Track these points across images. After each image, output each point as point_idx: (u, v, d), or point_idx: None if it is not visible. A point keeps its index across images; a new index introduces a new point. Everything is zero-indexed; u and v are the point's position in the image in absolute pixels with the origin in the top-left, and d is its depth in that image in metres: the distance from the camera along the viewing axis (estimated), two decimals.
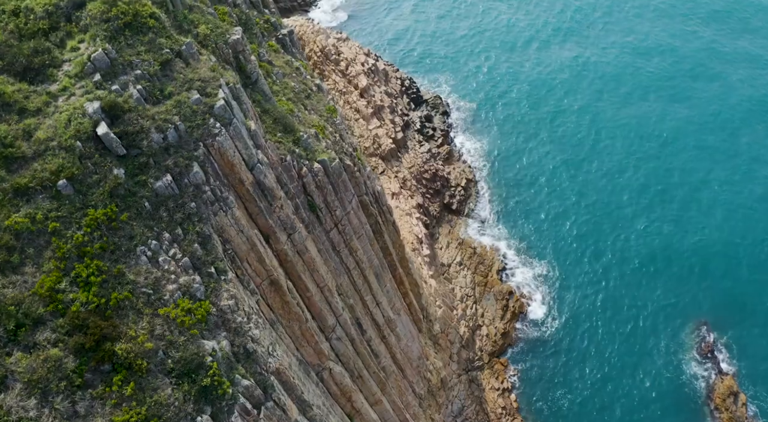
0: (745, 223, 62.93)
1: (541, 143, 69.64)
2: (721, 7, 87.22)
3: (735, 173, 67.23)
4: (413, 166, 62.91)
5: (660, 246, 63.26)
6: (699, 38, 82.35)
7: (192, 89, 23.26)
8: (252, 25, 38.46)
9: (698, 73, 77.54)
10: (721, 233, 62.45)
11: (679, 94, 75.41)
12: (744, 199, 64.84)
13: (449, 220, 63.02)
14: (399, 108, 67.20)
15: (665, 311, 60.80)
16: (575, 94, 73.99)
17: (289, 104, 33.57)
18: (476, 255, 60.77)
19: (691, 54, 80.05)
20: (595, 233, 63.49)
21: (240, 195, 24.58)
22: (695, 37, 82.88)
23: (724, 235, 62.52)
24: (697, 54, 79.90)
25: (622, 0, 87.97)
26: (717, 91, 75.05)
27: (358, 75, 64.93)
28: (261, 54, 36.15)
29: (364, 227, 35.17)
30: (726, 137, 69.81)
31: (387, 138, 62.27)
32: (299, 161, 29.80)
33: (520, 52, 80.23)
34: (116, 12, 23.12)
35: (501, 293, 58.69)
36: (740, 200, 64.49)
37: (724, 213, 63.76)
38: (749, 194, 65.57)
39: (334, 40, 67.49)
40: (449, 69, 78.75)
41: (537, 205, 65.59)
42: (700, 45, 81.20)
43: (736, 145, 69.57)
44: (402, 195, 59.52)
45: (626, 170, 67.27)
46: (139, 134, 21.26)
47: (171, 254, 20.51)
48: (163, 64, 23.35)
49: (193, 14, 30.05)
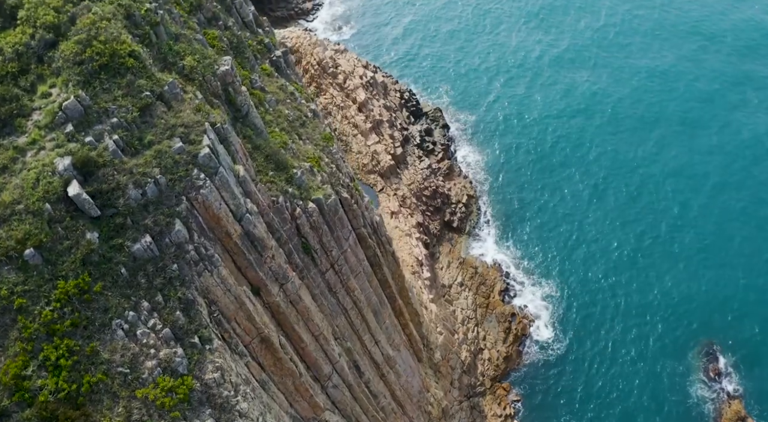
0: (756, 244, 61.30)
1: (544, 158, 67.85)
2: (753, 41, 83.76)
3: (750, 197, 65.16)
4: (413, 182, 61.13)
5: (667, 266, 61.58)
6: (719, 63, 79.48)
7: (174, 136, 21.48)
8: (244, 48, 36.63)
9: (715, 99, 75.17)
10: (731, 253, 60.81)
11: (687, 113, 73.65)
12: (756, 222, 63.11)
13: (450, 238, 61.28)
14: (398, 122, 65.36)
15: (672, 332, 59.21)
16: (580, 109, 72.13)
17: (282, 136, 31.78)
18: (478, 275, 59.08)
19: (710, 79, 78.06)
20: (600, 251, 61.80)
21: (227, 248, 22.85)
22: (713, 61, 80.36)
23: (733, 256, 60.89)
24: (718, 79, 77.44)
25: (635, 18, 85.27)
26: (740, 118, 72.46)
27: (357, 89, 63.03)
28: (253, 81, 34.34)
29: (362, 264, 33.44)
30: (735, 155, 67.98)
31: (386, 154, 60.47)
32: (292, 202, 28.04)
33: (524, 65, 78.32)
34: (91, 53, 21.30)
35: (503, 315, 57.05)
36: (753, 222, 62.77)
37: (736, 235, 62.10)
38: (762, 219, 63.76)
39: (332, 52, 65.56)
40: (450, 80, 76.84)
41: (540, 221, 63.87)
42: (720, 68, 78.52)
43: (750, 168, 67.29)
44: (401, 214, 57.78)
45: (631, 186, 65.52)
46: (115, 191, 19.48)
47: (150, 325, 18.76)
48: (143, 109, 21.55)
49: (180, 44, 28.24)
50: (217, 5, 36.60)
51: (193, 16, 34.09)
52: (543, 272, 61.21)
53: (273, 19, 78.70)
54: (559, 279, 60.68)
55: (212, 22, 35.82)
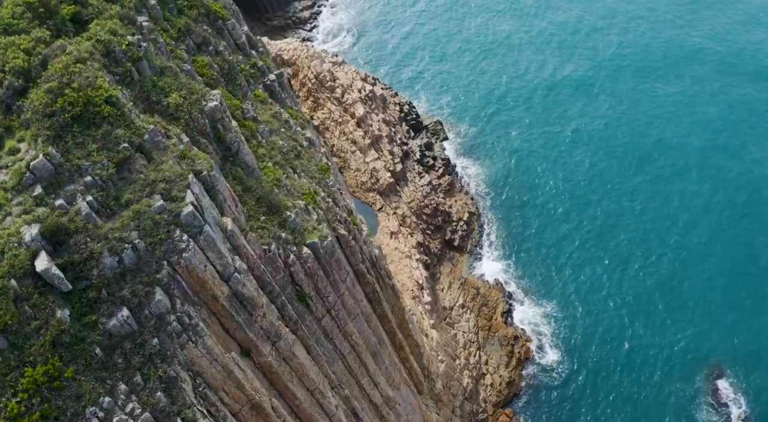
0: (764, 269, 59.70)
1: (547, 174, 66.11)
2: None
3: (761, 222, 63.29)
4: (413, 200, 59.39)
5: (674, 288, 59.97)
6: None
7: (154, 194, 19.73)
8: (236, 74, 34.81)
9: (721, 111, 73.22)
10: (740, 276, 59.22)
11: (689, 121, 71.95)
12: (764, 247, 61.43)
13: (451, 257, 59.61)
14: (398, 137, 63.56)
15: (678, 356, 57.63)
16: (585, 124, 70.32)
17: (275, 172, 30.02)
18: (479, 296, 57.45)
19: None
20: (605, 272, 60.14)
21: (214, 311, 21.15)
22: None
23: (742, 279, 59.30)
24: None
25: (645, 38, 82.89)
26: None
27: (355, 103, 61.17)
28: (245, 110, 32.54)
29: (360, 305, 31.77)
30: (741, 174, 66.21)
31: (385, 171, 58.69)
32: (286, 248, 26.31)
33: (527, 77, 76.41)
34: (63, 103, 19.52)
35: (506, 338, 55.45)
36: (764, 246, 61.02)
37: (745, 258, 60.50)
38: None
39: (330, 65, 63.65)
40: (451, 91, 74.99)
41: (543, 239, 62.19)
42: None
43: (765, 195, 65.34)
44: (401, 234, 56.08)
45: (637, 205, 63.81)
46: (89, 261, 17.75)
47: (129, 410, 17.09)
48: (120, 163, 19.80)
49: (165, 79, 26.46)
50: (207, 29, 34.79)
51: (182, 43, 32.30)
52: (546, 292, 59.59)
53: (270, 28, 76.76)
54: (562, 300, 59.06)
55: (202, 48, 34.01)
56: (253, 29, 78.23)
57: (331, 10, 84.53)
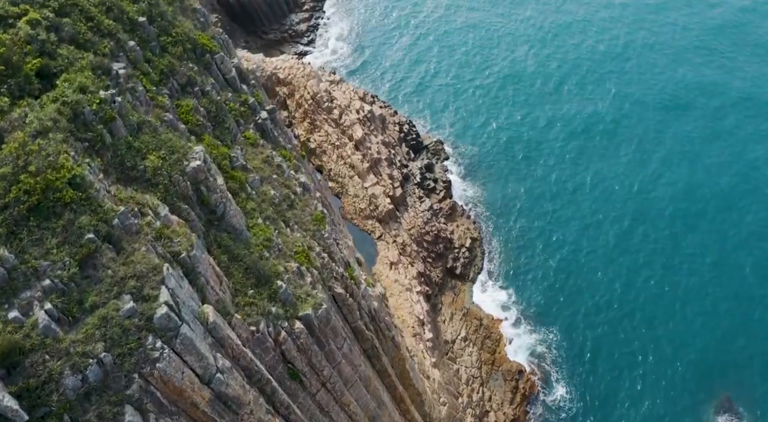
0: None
1: (553, 196, 63.77)
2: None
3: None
4: (413, 227, 57.04)
5: (681, 316, 57.89)
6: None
7: (123, 294, 17.35)
8: (224, 116, 32.36)
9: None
10: (748, 304, 57.12)
11: (694, 139, 69.58)
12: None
13: (453, 286, 57.36)
14: (397, 159, 61.12)
15: (687, 386, 55.58)
16: (593, 145, 67.90)
17: (266, 230, 27.65)
18: (482, 328, 55.25)
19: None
20: (611, 300, 57.97)
21: (194, 419, 18.85)
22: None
23: (751, 307, 57.21)
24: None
25: (654, 50, 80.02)
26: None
27: (353, 125, 58.69)
28: (234, 159, 30.12)
29: (358, 370, 29.50)
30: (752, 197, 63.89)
31: (385, 197, 56.29)
32: (276, 325, 24.00)
33: (531, 93, 73.91)
34: (17, 193, 17.09)
35: (510, 373, 53.31)
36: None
37: (755, 284, 58.35)
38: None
39: (327, 84, 61.09)
40: (452, 108, 72.47)
41: (548, 265, 59.94)
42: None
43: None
44: (401, 264, 53.78)
45: (645, 228, 61.56)
46: (47, 384, 15.40)
47: None
48: (85, 259, 17.43)
49: (143, 136, 24.04)
50: (193, 67, 32.28)
51: (164, 87, 29.83)
52: (551, 323, 57.41)
53: (266, 42, 74.15)
54: (568, 329, 56.89)
55: (187, 89, 31.52)
56: (249, 43, 75.90)
57: (329, 23, 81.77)
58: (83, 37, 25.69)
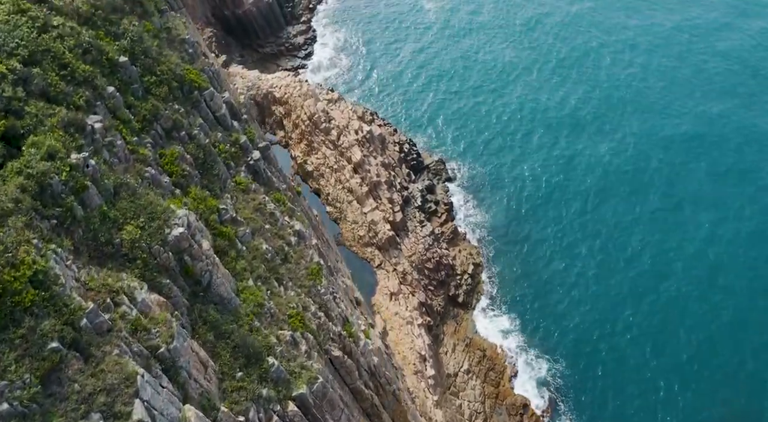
0: None
1: (559, 219, 61.64)
2: None
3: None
4: (414, 253, 54.97)
5: (689, 341, 55.96)
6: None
7: (92, 412, 15.30)
8: (213, 161, 30.19)
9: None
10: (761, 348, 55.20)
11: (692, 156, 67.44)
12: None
13: (455, 315, 55.38)
14: (398, 181, 58.95)
15: (699, 415, 53.82)
16: (598, 165, 65.68)
17: (257, 294, 25.55)
18: (486, 359, 53.31)
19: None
20: (622, 327, 55.94)
21: None
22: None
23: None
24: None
25: (668, 71, 76.75)
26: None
27: (352, 147, 56.47)
28: (223, 212, 27.95)
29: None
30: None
31: (384, 223, 54.17)
32: (267, 409, 21.97)
33: (537, 111, 71.56)
34: None
35: (514, 407, 51.41)
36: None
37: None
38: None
39: (324, 104, 58.78)
40: (455, 124, 70.20)
41: (554, 293, 57.91)
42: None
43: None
44: (402, 294, 51.76)
45: (654, 254, 59.52)
46: None
47: None
48: (48, 374, 15.34)
49: (119, 203, 21.94)
50: (179, 108, 30.07)
51: (147, 134, 27.65)
52: (557, 352, 55.40)
53: (262, 55, 71.80)
54: (575, 359, 54.89)
55: (172, 134, 29.29)
56: (245, 57, 73.48)
57: (326, 36, 79.30)
58: (55, 89, 23.46)
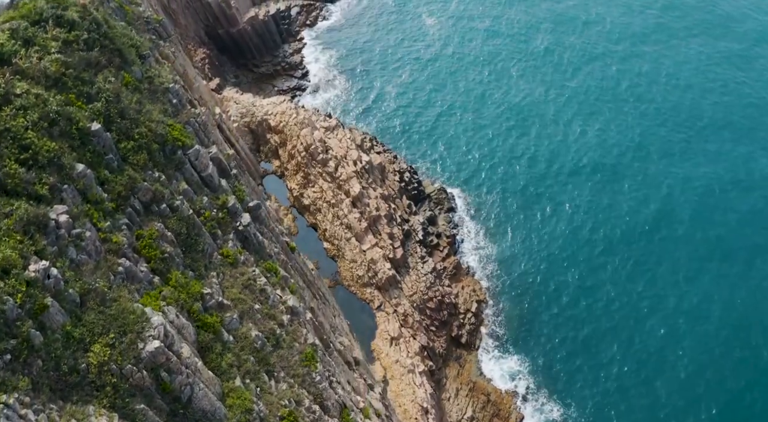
0: None
1: (569, 252, 58.99)
2: None
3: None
4: (415, 293, 52.48)
5: (705, 385, 53.70)
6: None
7: None
8: (198, 234, 27.58)
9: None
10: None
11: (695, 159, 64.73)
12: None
13: (458, 357, 52.98)
14: (398, 214, 56.29)
15: None
16: (608, 195, 62.97)
17: (245, 396, 23.04)
18: (490, 404, 50.98)
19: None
20: (636, 369, 53.38)
21: None
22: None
23: None
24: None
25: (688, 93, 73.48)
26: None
27: (350, 179, 53.75)
28: (207, 298, 25.39)
29: None
30: None
31: (384, 262, 51.60)
32: None
33: (549, 136, 68.46)
34: None
35: None
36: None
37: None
38: None
39: (321, 133, 55.96)
40: (459, 150, 67.34)
41: (563, 330, 55.36)
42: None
43: None
44: (403, 338, 49.31)
45: (672, 294, 56.95)
46: None
47: None
48: None
49: (86, 316, 19.52)
50: (159, 176, 27.40)
51: (123, 212, 24.99)
52: (566, 395, 52.91)
53: (257, 75, 68.92)
54: (585, 404, 52.55)
55: (152, 207, 26.64)
56: (239, 78, 70.48)
57: (322, 55, 76.20)
58: (14, 179, 20.88)
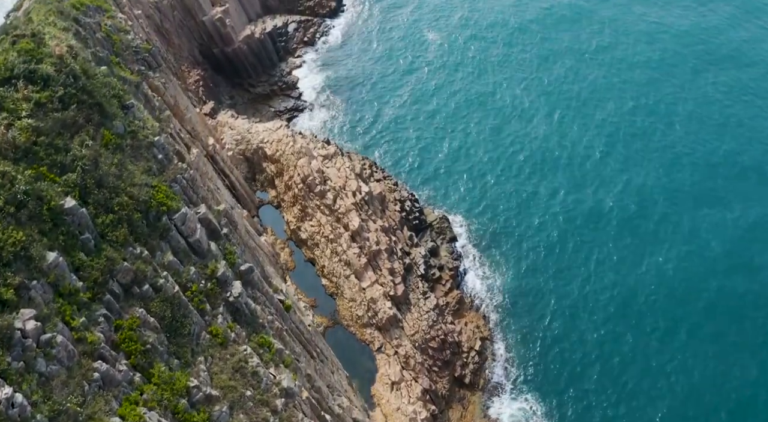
0: None
1: (577, 283, 56.90)
2: None
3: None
4: (417, 332, 50.45)
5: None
6: None
7: None
8: (184, 316, 25.54)
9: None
10: None
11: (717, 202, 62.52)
12: None
13: (461, 398, 51.02)
14: (399, 247, 54.16)
15: None
16: (619, 220, 60.77)
17: None
18: None
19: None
20: (651, 409, 51.44)
21: None
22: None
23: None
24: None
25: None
26: None
27: (349, 212, 51.58)
28: (194, 392, 23.35)
29: None
30: None
31: (385, 301, 49.55)
32: None
33: (553, 160, 66.04)
34: None
35: None
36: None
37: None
38: None
39: (319, 162, 53.68)
40: (460, 175, 65.02)
41: (573, 369, 53.24)
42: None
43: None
44: (404, 382, 47.38)
45: (689, 329, 54.86)
46: None
47: None
48: None
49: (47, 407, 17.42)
50: (141, 252, 25.26)
51: (100, 301, 22.93)
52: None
53: (254, 96, 66.61)
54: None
55: (133, 289, 24.56)
56: (235, 98, 68.05)
57: (321, 74, 73.71)
58: None
